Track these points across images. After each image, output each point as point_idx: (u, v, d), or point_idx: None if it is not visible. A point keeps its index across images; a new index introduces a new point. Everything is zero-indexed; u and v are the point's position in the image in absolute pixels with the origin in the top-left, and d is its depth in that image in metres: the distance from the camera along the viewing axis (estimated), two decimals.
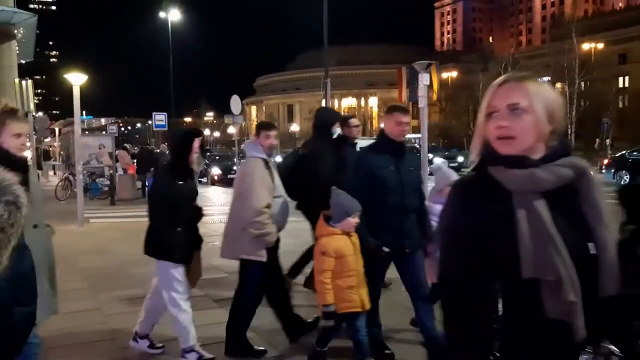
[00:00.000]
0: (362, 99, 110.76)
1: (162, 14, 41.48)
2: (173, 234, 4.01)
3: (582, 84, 51.47)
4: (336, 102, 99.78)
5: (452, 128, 63.08)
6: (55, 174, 29.96)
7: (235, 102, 17.17)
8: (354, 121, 5.89)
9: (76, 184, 12.94)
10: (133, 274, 6.96)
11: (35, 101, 11.95)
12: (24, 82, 11.29)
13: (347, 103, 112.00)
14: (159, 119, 21.41)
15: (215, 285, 6.34)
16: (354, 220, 3.67)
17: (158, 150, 21.51)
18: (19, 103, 11.31)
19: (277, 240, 4.27)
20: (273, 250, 4.27)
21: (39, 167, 31.15)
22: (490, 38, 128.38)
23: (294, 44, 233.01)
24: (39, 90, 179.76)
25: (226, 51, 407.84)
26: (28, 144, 2.83)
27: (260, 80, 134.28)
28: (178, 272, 4.07)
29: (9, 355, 1.24)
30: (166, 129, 22.68)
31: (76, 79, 11.64)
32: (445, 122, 67.34)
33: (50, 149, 41.74)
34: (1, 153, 2.94)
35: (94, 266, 7.57)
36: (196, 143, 4.09)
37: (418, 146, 19.29)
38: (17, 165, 2.93)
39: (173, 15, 40.87)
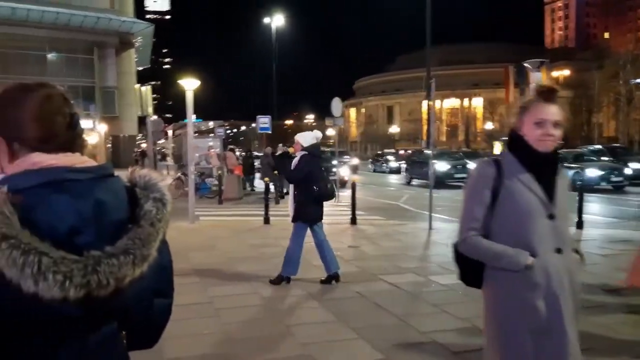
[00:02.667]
0: (466, 99, 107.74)
1: (266, 20, 42.93)
2: None
3: None
4: (438, 102, 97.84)
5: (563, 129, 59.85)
6: (168, 173, 31.84)
7: (336, 104, 17.31)
8: None
9: (188, 183, 13.64)
10: (239, 271, 7.30)
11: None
12: (143, 88, 12.11)
13: (450, 104, 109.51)
14: (263, 121, 22.10)
15: (316, 286, 6.48)
16: None
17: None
18: (139, 107, 12.14)
19: None
20: None
21: (155, 168, 33.35)
22: (606, 34, 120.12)
23: (394, 45, 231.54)
24: (154, 95, 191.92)
25: (326, 54, 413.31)
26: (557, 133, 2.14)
27: (360, 82, 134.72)
28: None
29: (146, 345, 1.36)
30: (270, 131, 23.32)
31: (189, 85, 12.25)
32: None
33: (164, 150, 44.39)
34: (522, 149, 2.14)
35: (204, 262, 7.96)
36: None
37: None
38: (543, 166, 2.15)
39: (277, 21, 42.10)
